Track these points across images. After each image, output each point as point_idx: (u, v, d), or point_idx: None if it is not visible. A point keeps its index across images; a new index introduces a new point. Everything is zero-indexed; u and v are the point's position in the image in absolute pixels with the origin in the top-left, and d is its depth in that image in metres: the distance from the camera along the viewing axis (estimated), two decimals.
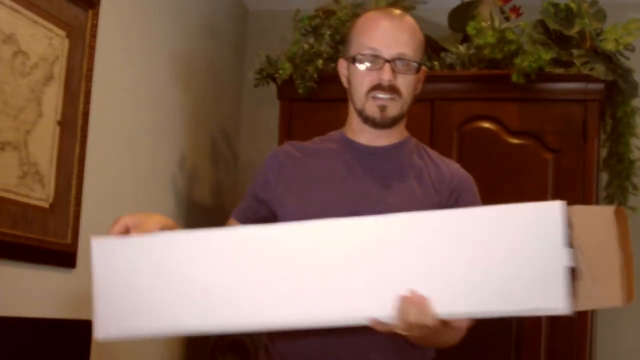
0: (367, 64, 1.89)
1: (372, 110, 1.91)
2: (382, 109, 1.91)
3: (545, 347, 3.09)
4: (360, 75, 1.91)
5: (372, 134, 1.96)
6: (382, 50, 1.88)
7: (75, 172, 2.76)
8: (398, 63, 1.89)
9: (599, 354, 3.50)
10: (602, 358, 3.53)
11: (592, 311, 3.13)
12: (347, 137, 2.00)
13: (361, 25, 1.95)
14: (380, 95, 1.89)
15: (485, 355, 2.97)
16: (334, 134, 2.05)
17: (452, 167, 1.98)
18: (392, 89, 1.89)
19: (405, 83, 1.90)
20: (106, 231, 1.78)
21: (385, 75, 1.87)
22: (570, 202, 3.06)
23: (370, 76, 1.89)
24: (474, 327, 1.71)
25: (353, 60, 1.92)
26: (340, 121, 2.04)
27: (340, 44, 3.35)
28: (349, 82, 1.96)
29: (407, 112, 1.95)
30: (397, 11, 1.96)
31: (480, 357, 2.88)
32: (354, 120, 1.98)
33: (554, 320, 3.08)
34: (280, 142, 3.28)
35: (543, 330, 3.09)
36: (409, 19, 1.95)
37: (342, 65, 2.00)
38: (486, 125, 3.25)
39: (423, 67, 1.96)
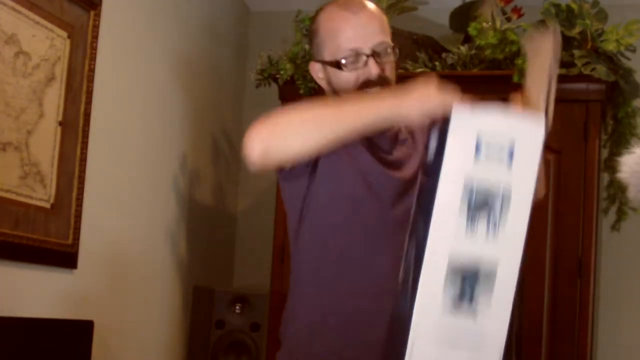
0: (351, 65, 1.87)
1: None
2: None
3: (546, 353, 3.09)
4: (345, 77, 1.89)
5: None
6: (362, 47, 1.87)
7: (76, 172, 2.76)
8: (379, 52, 1.89)
9: (599, 358, 3.50)
10: None
11: (593, 315, 3.13)
12: None
13: (329, 26, 1.91)
14: (373, 89, 1.88)
15: None
16: None
17: None
18: (382, 80, 1.89)
19: (390, 68, 1.91)
20: (107, 231, 1.77)
21: (373, 70, 1.87)
22: (572, 202, 3.09)
23: (356, 75, 1.88)
24: None
25: (335, 64, 1.88)
26: None
27: None
28: (331, 83, 1.93)
29: None
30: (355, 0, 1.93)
31: None
32: None
33: (554, 325, 3.08)
34: None
35: (544, 332, 3.09)
36: (368, 4, 1.93)
37: (315, 69, 1.96)
38: None
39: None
